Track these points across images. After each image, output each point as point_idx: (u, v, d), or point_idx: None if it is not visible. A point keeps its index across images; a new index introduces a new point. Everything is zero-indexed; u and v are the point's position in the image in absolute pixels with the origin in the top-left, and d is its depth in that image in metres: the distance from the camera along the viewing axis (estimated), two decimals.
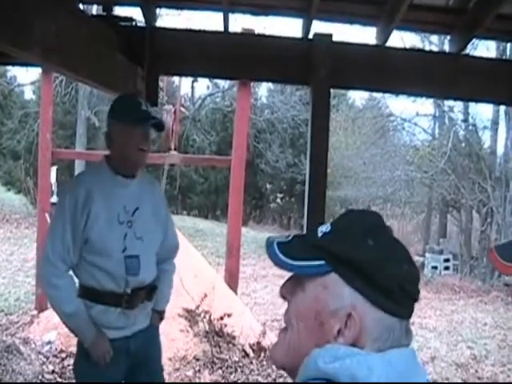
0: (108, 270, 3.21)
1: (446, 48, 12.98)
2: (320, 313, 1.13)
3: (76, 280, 3.32)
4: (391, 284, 1.10)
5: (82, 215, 3.15)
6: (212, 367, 6.29)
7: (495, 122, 20.31)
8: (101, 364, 3.27)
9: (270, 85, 24.45)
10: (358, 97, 30.04)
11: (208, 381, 6.05)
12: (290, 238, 1.22)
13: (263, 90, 26.25)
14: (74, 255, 3.20)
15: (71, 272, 3.29)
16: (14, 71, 25.11)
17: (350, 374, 1.03)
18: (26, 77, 23.30)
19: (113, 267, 3.21)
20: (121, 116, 3.27)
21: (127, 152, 3.24)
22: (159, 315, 3.59)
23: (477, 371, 7.62)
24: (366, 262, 1.10)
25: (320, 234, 1.18)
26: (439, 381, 7.09)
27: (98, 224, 3.17)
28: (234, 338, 6.59)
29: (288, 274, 1.18)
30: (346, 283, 1.11)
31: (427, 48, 18.05)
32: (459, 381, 7.18)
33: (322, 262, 1.13)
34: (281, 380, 6.27)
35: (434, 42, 19.71)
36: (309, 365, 1.09)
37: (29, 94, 26.39)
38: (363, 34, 5.86)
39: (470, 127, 20.59)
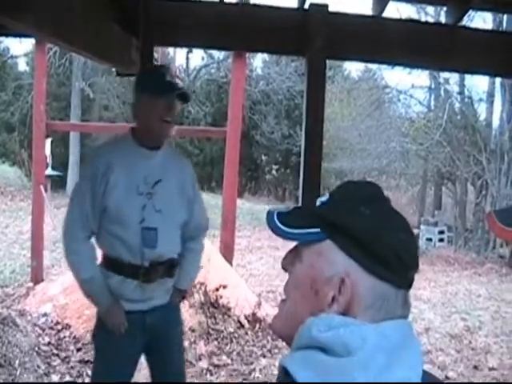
0: (125, 240, 3.22)
1: (442, 19, 12.92)
2: (315, 280, 1.14)
3: (98, 249, 3.35)
4: (385, 251, 1.10)
5: (101, 184, 3.18)
6: (207, 338, 6.33)
7: (491, 95, 20.26)
8: (115, 333, 3.28)
9: (265, 56, 24.31)
10: (353, 68, 30.05)
11: (203, 352, 6.09)
12: (291, 209, 1.24)
13: (258, 61, 26.15)
14: (93, 223, 3.24)
15: (93, 240, 3.33)
16: (6, 42, 24.86)
17: (343, 343, 1.04)
18: (19, 48, 23.24)
19: (129, 238, 3.22)
20: (145, 87, 3.25)
21: (151, 123, 3.22)
22: (180, 293, 3.53)
23: (470, 342, 7.67)
24: (360, 229, 1.11)
25: (318, 204, 1.19)
26: (433, 351, 7.15)
27: (116, 193, 3.19)
28: (229, 309, 6.62)
29: (283, 246, 1.18)
30: (340, 250, 1.12)
31: (423, 19, 17.92)
32: (452, 351, 7.24)
33: (318, 230, 1.14)
34: (276, 350, 6.31)
35: (430, 14, 19.57)
36: (303, 333, 1.10)
37: (22, 66, 26.22)
38: (359, 5, 5.83)
39: (466, 99, 20.54)
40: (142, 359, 3.58)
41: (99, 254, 3.37)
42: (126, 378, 3.46)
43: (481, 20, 20.31)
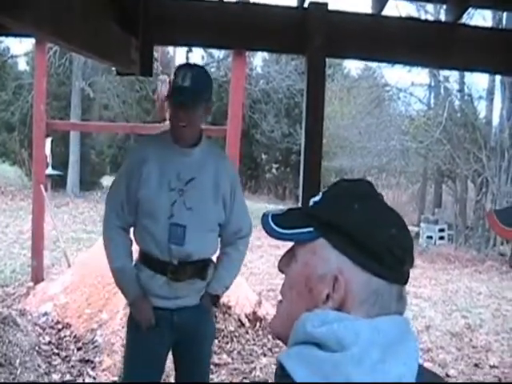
0: (154, 234, 3.25)
1: (442, 17, 12.91)
2: (309, 278, 1.14)
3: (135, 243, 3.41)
4: (378, 247, 1.10)
5: (136, 176, 3.24)
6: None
7: (491, 92, 20.27)
8: (142, 327, 3.31)
9: (265, 54, 24.34)
10: (353, 66, 30.03)
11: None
12: (285, 210, 1.25)
13: (258, 59, 26.17)
14: (128, 214, 3.30)
15: (130, 233, 3.40)
16: (7, 42, 24.90)
17: (337, 338, 1.04)
18: (19, 48, 23.27)
19: (157, 232, 3.23)
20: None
21: (171, 125, 3.31)
22: (211, 299, 3.43)
23: (471, 340, 7.68)
24: (352, 226, 1.11)
25: (311, 204, 1.21)
26: (434, 349, 7.16)
27: (148, 186, 3.22)
28: (229, 307, 6.62)
29: (284, 245, 1.19)
30: (332, 247, 1.13)
31: (423, 17, 17.92)
32: (453, 349, 7.24)
33: (311, 229, 1.15)
34: (276, 349, 6.31)
35: (430, 12, 19.58)
36: (298, 329, 1.10)
37: (22, 66, 26.26)
38: (359, 3, 5.82)
39: (466, 97, 20.54)
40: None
41: (136, 248, 3.43)
42: (154, 375, 3.48)
43: (480, 18, 20.31)
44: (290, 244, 1.23)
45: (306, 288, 1.15)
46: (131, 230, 3.42)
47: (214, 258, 3.49)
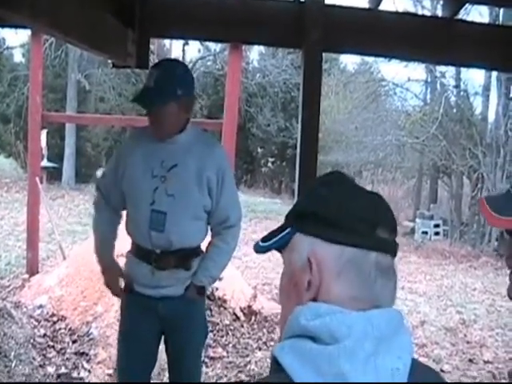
0: (136, 221, 3.31)
1: (439, 13, 12.91)
2: (293, 273, 1.17)
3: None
4: (344, 217, 1.12)
5: (122, 167, 3.32)
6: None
7: (487, 88, 20.27)
8: (110, 291, 3.51)
9: (262, 48, 24.28)
10: (349, 61, 29.96)
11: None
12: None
13: (255, 53, 26.11)
14: (115, 200, 3.41)
15: (119, 215, 3.54)
16: (2, 33, 24.74)
17: (329, 331, 1.05)
18: (15, 39, 23.15)
19: (140, 219, 3.28)
20: None
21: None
22: (196, 289, 3.40)
23: (465, 335, 7.70)
24: (319, 208, 1.14)
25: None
26: (428, 345, 7.18)
27: (131, 175, 3.28)
28: (225, 301, 6.63)
29: None
30: (305, 235, 1.16)
31: (420, 13, 17.88)
32: (448, 344, 7.26)
33: (288, 230, 1.19)
34: (271, 343, 6.32)
35: (427, 7, 19.54)
36: (291, 322, 1.11)
37: (18, 57, 26.10)
38: None
39: (462, 93, 20.52)
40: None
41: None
42: (146, 361, 3.51)
43: (477, 13, 20.26)
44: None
45: (292, 286, 1.18)
46: (122, 221, 3.51)
47: (204, 248, 3.49)
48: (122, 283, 3.51)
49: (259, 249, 1.25)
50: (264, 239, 1.24)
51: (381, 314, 1.10)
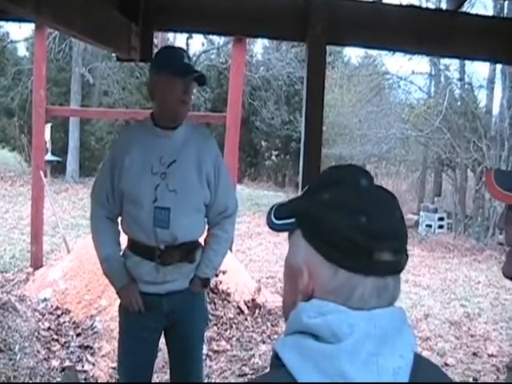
0: (139, 220, 3.26)
1: (443, 6, 12.87)
2: (292, 266, 1.17)
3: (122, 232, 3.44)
4: (339, 237, 1.09)
5: (118, 166, 3.27)
6: (207, 324, 6.34)
7: (491, 81, 20.19)
8: (130, 312, 3.33)
9: (266, 42, 24.23)
10: (353, 54, 29.96)
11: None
12: (287, 200, 1.25)
13: (258, 46, 26.07)
14: (114, 204, 3.34)
15: (118, 221, 3.43)
16: (6, 27, 24.81)
17: (331, 330, 1.05)
18: (19, 33, 23.22)
19: (143, 217, 3.24)
20: (163, 67, 3.24)
21: (168, 103, 3.24)
22: (200, 281, 3.42)
23: (470, 329, 7.70)
24: (318, 216, 1.11)
25: (300, 193, 1.23)
26: (432, 338, 7.18)
27: (130, 173, 3.24)
28: (229, 294, 6.63)
29: (283, 232, 1.21)
30: (303, 237, 1.14)
31: (424, 5, 17.83)
32: (452, 338, 7.26)
33: (293, 220, 1.17)
34: (275, 336, 6.33)
35: (431, 0, 19.51)
36: (294, 318, 1.12)
37: (22, 51, 26.17)
38: None
39: (466, 86, 20.46)
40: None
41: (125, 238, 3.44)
42: (146, 362, 3.49)
43: (482, 6, 20.19)
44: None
45: (290, 273, 1.18)
46: (119, 221, 3.44)
47: (202, 241, 3.49)
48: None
49: (269, 223, 1.22)
50: (277, 214, 1.21)
51: (384, 314, 1.09)
